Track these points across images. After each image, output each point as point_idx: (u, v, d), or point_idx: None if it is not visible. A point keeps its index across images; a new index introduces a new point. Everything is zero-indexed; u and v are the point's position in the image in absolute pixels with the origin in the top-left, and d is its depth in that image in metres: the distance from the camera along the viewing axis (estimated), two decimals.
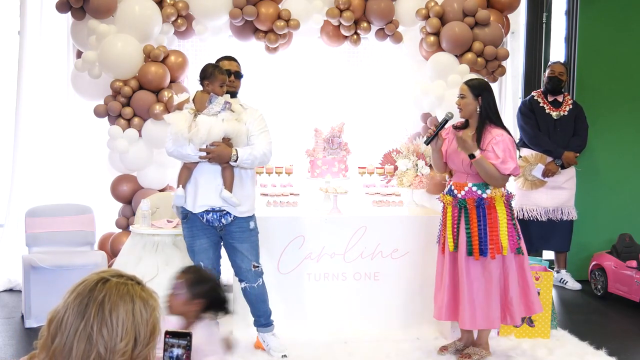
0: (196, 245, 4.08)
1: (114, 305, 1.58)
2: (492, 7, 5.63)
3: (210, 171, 3.99)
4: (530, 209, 5.94)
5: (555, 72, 5.94)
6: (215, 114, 3.93)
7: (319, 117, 5.62)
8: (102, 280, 1.63)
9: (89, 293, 1.60)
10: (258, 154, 4.02)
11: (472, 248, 3.96)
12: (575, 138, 5.94)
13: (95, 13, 5.09)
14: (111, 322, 1.57)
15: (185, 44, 5.74)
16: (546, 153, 5.89)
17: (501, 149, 3.93)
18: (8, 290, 5.69)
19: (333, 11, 5.42)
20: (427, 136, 4.14)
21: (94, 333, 1.56)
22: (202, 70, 4.03)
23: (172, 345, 1.79)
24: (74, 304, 1.59)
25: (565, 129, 5.92)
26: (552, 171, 5.86)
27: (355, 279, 4.64)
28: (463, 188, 4.04)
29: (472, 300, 3.98)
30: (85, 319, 1.57)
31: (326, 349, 4.26)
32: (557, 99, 5.97)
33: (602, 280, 5.80)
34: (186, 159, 4.02)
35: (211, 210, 4.01)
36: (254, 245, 4.14)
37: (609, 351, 4.28)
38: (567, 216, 5.97)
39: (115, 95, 5.15)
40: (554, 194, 5.93)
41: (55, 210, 5.22)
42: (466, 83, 4.12)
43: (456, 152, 4.08)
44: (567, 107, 5.95)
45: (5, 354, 4.23)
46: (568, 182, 5.97)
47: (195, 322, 2.65)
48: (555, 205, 5.94)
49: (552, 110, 5.93)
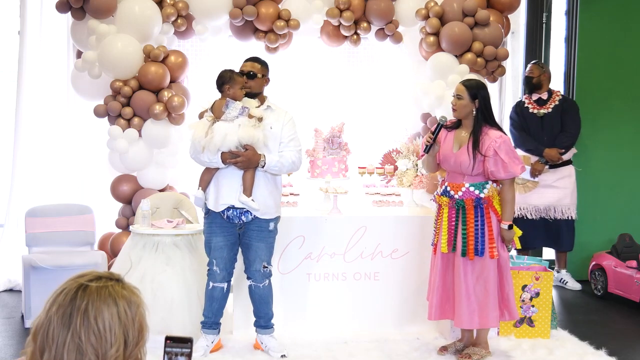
0: (213, 242, 4.12)
1: (98, 311, 1.56)
2: (492, 7, 5.63)
3: (232, 173, 4.02)
4: (520, 207, 5.91)
5: (526, 72, 6.01)
6: (233, 120, 3.94)
7: (319, 117, 5.62)
8: (82, 287, 1.59)
9: (71, 303, 1.56)
10: (286, 162, 4.06)
11: (466, 249, 3.96)
12: (562, 134, 5.90)
13: (95, 13, 5.09)
14: (98, 329, 1.55)
15: (185, 44, 5.74)
16: (529, 152, 5.90)
17: (504, 151, 3.92)
18: (8, 290, 5.70)
19: (333, 11, 5.42)
20: (425, 145, 4.12)
21: (82, 343, 1.54)
22: (219, 77, 4.04)
23: (175, 355, 1.74)
24: (57, 315, 1.56)
25: (551, 127, 5.89)
26: (538, 170, 5.85)
27: (355, 279, 4.64)
28: (460, 188, 4.03)
29: (470, 301, 3.98)
30: (72, 329, 1.54)
31: (326, 349, 4.26)
32: (541, 97, 5.96)
33: (602, 280, 5.80)
34: (208, 165, 4.07)
35: (232, 207, 4.04)
36: (269, 246, 4.16)
37: (609, 351, 4.27)
38: (561, 215, 5.94)
39: (115, 95, 5.15)
40: (544, 192, 5.91)
41: (55, 210, 5.22)
42: (463, 84, 4.10)
43: (450, 152, 4.07)
44: (553, 104, 5.94)
45: (5, 354, 4.23)
46: (561, 181, 5.92)
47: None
48: (546, 204, 5.91)
49: (535, 108, 5.93)
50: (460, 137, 4.08)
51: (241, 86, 4.02)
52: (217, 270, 4.11)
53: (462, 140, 4.07)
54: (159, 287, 4.26)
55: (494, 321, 4.05)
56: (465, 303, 3.98)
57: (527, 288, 4.54)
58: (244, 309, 4.44)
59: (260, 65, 4.20)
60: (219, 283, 4.13)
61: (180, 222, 4.57)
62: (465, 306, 3.98)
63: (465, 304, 3.98)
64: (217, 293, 4.14)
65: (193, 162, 4.21)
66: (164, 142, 5.26)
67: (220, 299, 4.16)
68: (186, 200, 5.04)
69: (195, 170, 4.29)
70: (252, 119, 3.97)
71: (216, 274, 4.12)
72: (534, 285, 4.54)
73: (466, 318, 4.00)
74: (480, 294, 3.99)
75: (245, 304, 4.38)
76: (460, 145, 4.06)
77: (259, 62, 4.22)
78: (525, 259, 4.82)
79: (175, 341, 1.72)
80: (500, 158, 3.91)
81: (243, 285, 4.36)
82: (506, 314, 4.08)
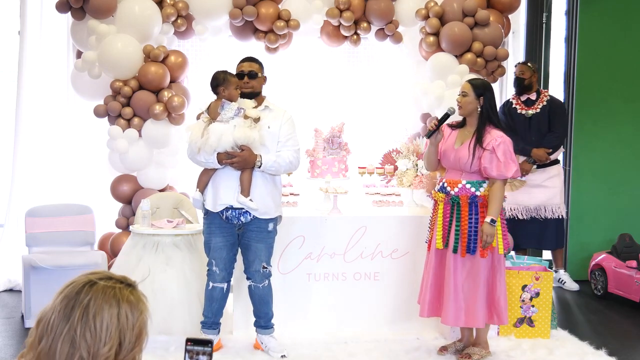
0: (212, 242, 4.12)
1: (98, 309, 1.57)
2: (492, 8, 5.63)
3: (230, 174, 4.03)
4: (511, 207, 5.92)
5: (516, 72, 5.98)
6: (228, 121, 3.94)
7: (319, 117, 5.62)
8: (90, 283, 1.61)
9: (76, 296, 1.59)
10: (283, 162, 4.06)
11: (458, 245, 3.96)
12: (549, 134, 5.90)
13: (95, 13, 5.09)
14: (94, 327, 1.56)
15: (185, 44, 5.74)
16: (517, 152, 5.89)
17: (502, 151, 3.94)
18: (8, 290, 5.69)
19: (333, 11, 5.42)
20: (428, 130, 4.13)
21: (77, 337, 1.55)
22: (213, 79, 4.05)
23: (197, 353, 1.75)
24: (60, 306, 1.58)
25: (538, 127, 5.89)
26: (526, 170, 5.85)
27: (355, 279, 4.64)
28: (457, 185, 4.04)
29: (458, 298, 3.98)
30: (70, 322, 1.56)
31: (326, 349, 4.25)
32: (529, 97, 5.96)
33: (602, 280, 5.80)
34: (205, 166, 4.08)
35: (230, 208, 4.04)
36: (268, 247, 4.16)
37: (609, 351, 4.27)
38: (551, 214, 5.94)
39: (115, 95, 5.15)
40: (534, 192, 5.91)
41: (55, 210, 5.22)
42: (469, 82, 4.12)
43: (451, 148, 4.08)
44: (541, 104, 5.94)
45: (5, 354, 4.23)
46: (550, 181, 5.93)
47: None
48: (536, 203, 5.91)
49: (524, 109, 5.93)
50: (463, 134, 4.10)
51: (236, 87, 4.02)
52: (217, 271, 4.11)
53: (464, 138, 4.08)
54: (159, 287, 4.27)
55: (481, 321, 4.02)
56: (452, 300, 3.98)
57: (527, 288, 4.55)
58: (243, 309, 4.44)
59: (258, 64, 4.21)
60: (219, 283, 4.13)
61: (180, 222, 4.57)
62: (453, 303, 3.98)
63: (453, 301, 3.98)
64: (216, 293, 4.14)
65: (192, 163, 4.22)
66: (164, 142, 5.26)
67: (220, 299, 4.17)
68: (186, 200, 5.04)
69: (195, 171, 4.30)
70: (247, 120, 3.97)
71: (216, 274, 4.12)
72: (534, 285, 4.54)
73: (452, 315, 3.99)
74: (468, 292, 3.98)
75: (245, 304, 4.38)
76: (462, 142, 4.08)
77: (255, 61, 4.22)
78: (525, 259, 4.82)
79: (196, 343, 1.74)
80: (496, 156, 3.92)
81: (243, 285, 4.36)
82: (495, 317, 4.06)
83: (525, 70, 5.93)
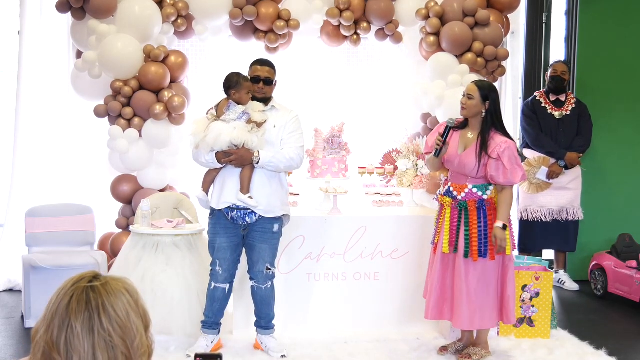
0: (217, 243, 4.13)
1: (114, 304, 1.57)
2: (492, 7, 5.62)
3: (235, 172, 4.04)
4: (534, 210, 5.93)
5: (557, 71, 5.93)
6: (230, 122, 3.96)
7: (319, 117, 5.61)
8: (89, 289, 1.59)
9: (87, 306, 1.56)
10: (282, 158, 4.05)
11: (469, 250, 3.96)
12: (579, 138, 5.92)
13: (95, 13, 5.09)
14: (121, 319, 1.56)
15: (185, 44, 5.74)
16: (549, 155, 5.88)
17: (507, 158, 3.91)
18: (8, 290, 5.70)
19: (333, 11, 5.42)
20: (435, 149, 4.09)
21: (112, 337, 1.54)
22: (227, 80, 4.05)
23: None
24: (77, 323, 1.54)
25: (568, 129, 5.90)
26: (556, 173, 5.85)
27: (355, 279, 4.64)
28: (463, 190, 4.03)
29: (471, 302, 3.98)
30: (97, 330, 1.54)
31: (326, 349, 4.26)
32: (559, 98, 5.96)
33: (602, 280, 5.80)
34: (206, 166, 4.10)
35: (235, 208, 4.04)
36: (272, 248, 4.16)
37: (609, 351, 4.28)
38: (572, 216, 5.97)
39: (115, 95, 5.15)
40: (559, 194, 5.93)
41: (55, 210, 5.22)
42: (475, 84, 4.07)
43: (455, 153, 4.06)
44: (570, 106, 5.94)
45: (5, 354, 4.23)
46: (573, 183, 5.96)
47: None
48: (560, 206, 5.94)
49: (554, 110, 5.92)
50: (465, 138, 4.08)
51: (247, 91, 4.03)
52: (220, 271, 4.12)
53: (467, 142, 4.06)
54: (159, 287, 4.27)
55: (493, 322, 4.06)
56: (465, 304, 3.98)
57: (527, 288, 4.55)
58: (244, 309, 4.44)
59: (273, 69, 4.19)
60: (221, 284, 4.14)
61: (180, 222, 4.57)
62: (466, 307, 3.98)
63: (466, 305, 3.98)
64: (218, 293, 4.14)
65: (193, 162, 4.23)
66: (164, 142, 5.26)
67: (222, 300, 4.17)
68: (186, 200, 5.04)
69: (194, 171, 4.31)
70: (250, 124, 3.99)
71: (219, 274, 4.12)
72: (534, 285, 4.54)
73: (466, 319, 4.00)
74: (482, 295, 3.99)
75: (245, 304, 4.38)
76: (465, 146, 4.05)
77: (272, 66, 4.19)
78: (525, 259, 4.82)
79: (205, 358, 1.73)
80: (503, 164, 3.91)
81: (244, 285, 4.36)
82: (504, 317, 4.08)
83: (566, 70, 5.91)
